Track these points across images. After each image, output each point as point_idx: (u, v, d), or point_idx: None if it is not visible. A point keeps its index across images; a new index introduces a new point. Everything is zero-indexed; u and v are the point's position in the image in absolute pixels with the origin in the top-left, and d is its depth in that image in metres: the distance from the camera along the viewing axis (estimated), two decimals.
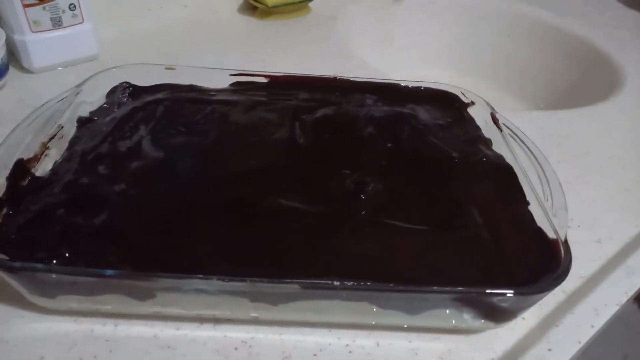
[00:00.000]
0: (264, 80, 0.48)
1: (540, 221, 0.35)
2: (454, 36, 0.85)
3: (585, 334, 0.33)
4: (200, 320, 0.32)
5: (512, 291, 0.29)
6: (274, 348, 0.31)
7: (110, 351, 0.30)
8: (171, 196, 0.35)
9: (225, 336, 0.32)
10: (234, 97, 0.46)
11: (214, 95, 0.46)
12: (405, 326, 0.33)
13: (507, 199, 0.37)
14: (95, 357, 0.30)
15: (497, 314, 0.32)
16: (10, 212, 0.32)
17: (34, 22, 0.51)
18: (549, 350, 0.32)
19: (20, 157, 0.35)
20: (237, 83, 0.47)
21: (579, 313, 0.34)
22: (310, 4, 0.75)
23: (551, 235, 0.33)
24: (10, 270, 0.28)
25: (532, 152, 0.40)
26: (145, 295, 0.30)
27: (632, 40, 0.76)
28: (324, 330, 0.32)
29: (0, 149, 0.34)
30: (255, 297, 0.30)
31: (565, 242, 0.32)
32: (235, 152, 0.40)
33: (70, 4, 0.53)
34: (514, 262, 0.32)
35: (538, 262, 0.32)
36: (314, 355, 0.31)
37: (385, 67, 0.65)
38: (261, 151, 0.40)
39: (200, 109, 0.44)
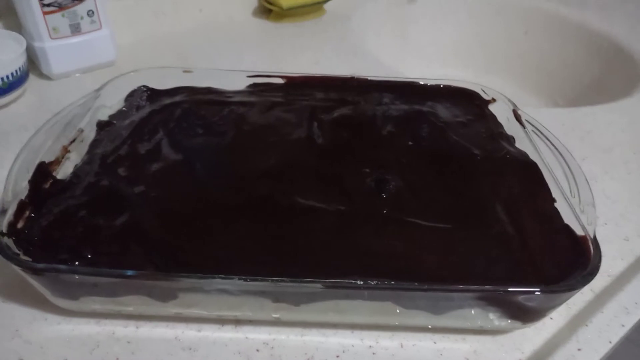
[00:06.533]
0: (280, 81, 0.48)
1: (568, 218, 0.34)
2: (469, 34, 0.84)
3: (616, 333, 0.32)
4: (222, 321, 0.32)
5: (540, 289, 0.28)
6: (296, 349, 0.31)
7: (133, 353, 0.30)
8: (191, 197, 0.35)
9: (246, 337, 0.31)
10: (251, 98, 0.45)
11: (231, 96, 0.46)
12: (430, 327, 0.32)
13: (532, 196, 0.36)
14: (117, 358, 0.30)
15: (525, 314, 0.31)
16: (33, 214, 0.32)
17: (54, 28, 0.52)
18: (579, 350, 0.31)
19: (42, 160, 0.35)
20: (254, 84, 0.47)
21: (608, 312, 0.33)
22: (325, 6, 0.75)
23: (579, 232, 0.32)
24: (34, 271, 0.28)
25: (556, 148, 0.39)
26: (167, 296, 0.30)
27: None
28: (347, 332, 0.32)
29: (22, 153, 0.35)
30: (277, 297, 0.30)
31: (594, 239, 0.31)
32: (254, 152, 0.40)
33: (89, 11, 0.54)
34: (541, 260, 0.32)
35: (566, 259, 0.31)
36: (337, 356, 0.31)
37: (402, 67, 0.65)
38: (280, 151, 0.40)
39: (218, 111, 0.44)
